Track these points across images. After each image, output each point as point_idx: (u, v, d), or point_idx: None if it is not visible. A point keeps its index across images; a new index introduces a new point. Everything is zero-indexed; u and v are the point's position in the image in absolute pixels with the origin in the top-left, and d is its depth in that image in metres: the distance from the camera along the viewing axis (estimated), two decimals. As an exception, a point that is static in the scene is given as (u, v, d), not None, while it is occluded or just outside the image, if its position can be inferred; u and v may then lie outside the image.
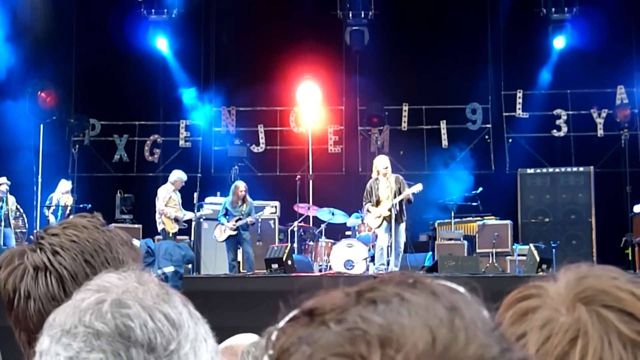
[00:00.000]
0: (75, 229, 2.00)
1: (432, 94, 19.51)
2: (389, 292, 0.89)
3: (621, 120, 18.42)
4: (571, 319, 1.24)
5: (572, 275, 1.29)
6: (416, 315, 0.86)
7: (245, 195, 15.54)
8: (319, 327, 0.87)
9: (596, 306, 1.24)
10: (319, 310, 0.89)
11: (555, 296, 1.27)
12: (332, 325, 0.87)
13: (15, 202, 16.53)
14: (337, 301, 0.89)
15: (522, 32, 19.47)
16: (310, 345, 0.86)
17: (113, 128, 20.42)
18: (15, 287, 1.93)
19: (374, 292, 0.89)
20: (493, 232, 16.16)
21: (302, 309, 0.91)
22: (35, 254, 1.95)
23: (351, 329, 0.85)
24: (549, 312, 1.26)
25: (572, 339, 1.22)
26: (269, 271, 14.04)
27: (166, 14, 19.66)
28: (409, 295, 0.88)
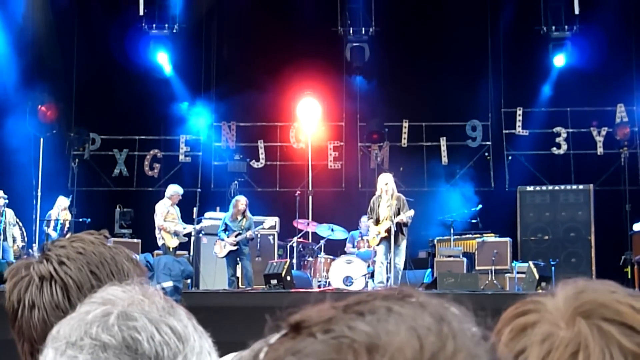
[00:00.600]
0: (82, 242, 2.01)
1: (432, 110, 19.53)
2: (376, 304, 0.88)
3: (621, 139, 18.43)
4: (571, 333, 1.23)
5: (570, 289, 1.29)
6: (403, 324, 0.85)
7: (246, 209, 15.52)
8: (305, 338, 0.86)
9: (596, 320, 1.23)
10: (305, 322, 0.88)
11: (554, 311, 1.26)
12: (318, 335, 0.86)
13: (14, 216, 16.51)
14: (324, 314, 0.88)
15: (523, 50, 19.50)
16: (295, 354, 0.85)
17: (113, 142, 20.42)
18: (20, 297, 1.94)
19: (361, 305, 0.88)
20: (492, 250, 16.13)
21: (289, 323, 0.90)
22: (41, 265, 1.96)
23: (338, 337, 0.84)
24: (549, 327, 1.25)
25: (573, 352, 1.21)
26: (268, 287, 14.01)
27: (167, 28, 19.68)
28: (397, 308, 0.87)
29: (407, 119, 20.04)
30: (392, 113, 19.64)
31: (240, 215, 15.47)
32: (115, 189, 20.13)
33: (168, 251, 15.56)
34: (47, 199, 17.73)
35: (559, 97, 19.48)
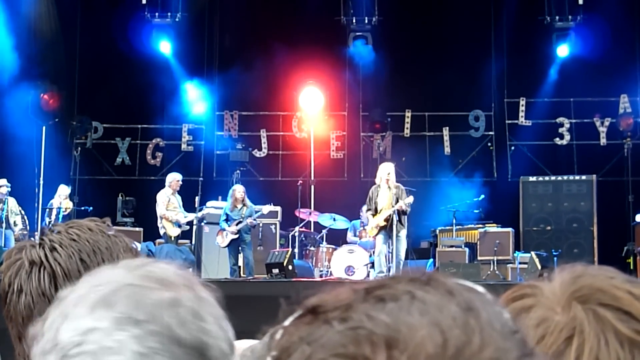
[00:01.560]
0: (79, 229, 1.98)
1: (435, 100, 19.51)
2: (399, 289, 0.83)
3: (624, 129, 18.39)
4: (566, 318, 1.21)
5: (567, 274, 1.28)
6: (427, 315, 0.80)
7: (244, 198, 15.50)
8: (321, 325, 0.82)
9: (592, 305, 1.21)
10: (322, 307, 0.84)
11: (550, 295, 1.25)
12: (335, 324, 0.81)
13: (17, 204, 16.52)
14: (342, 298, 0.84)
15: (526, 40, 19.45)
16: (310, 344, 0.81)
17: (115, 131, 20.41)
18: (11, 281, 1.92)
19: (383, 290, 0.83)
20: (495, 240, 16.12)
21: (306, 306, 0.86)
22: (34, 250, 1.94)
23: (355, 327, 0.80)
24: (544, 311, 1.24)
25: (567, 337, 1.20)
26: (270, 276, 14.02)
27: (170, 17, 19.67)
28: (421, 294, 0.82)
29: (409, 109, 20.02)
30: (394, 103, 19.62)
31: (240, 203, 15.45)
32: (118, 178, 20.13)
33: (170, 240, 15.57)
34: (49, 187, 17.73)
35: (562, 87, 19.44)
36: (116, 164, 20.39)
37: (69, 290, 1.24)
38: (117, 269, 1.25)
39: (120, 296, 1.17)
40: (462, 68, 18.93)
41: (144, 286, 1.19)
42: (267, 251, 15.43)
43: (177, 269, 1.28)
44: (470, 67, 19.19)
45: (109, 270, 1.25)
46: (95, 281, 1.22)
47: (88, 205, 16.53)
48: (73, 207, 16.85)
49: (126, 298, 1.17)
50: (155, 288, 1.19)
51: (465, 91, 19.50)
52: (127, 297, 1.17)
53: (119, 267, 1.26)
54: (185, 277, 1.26)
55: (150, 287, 1.20)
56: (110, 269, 1.25)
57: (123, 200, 18.56)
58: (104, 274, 1.24)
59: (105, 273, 1.24)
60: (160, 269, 1.25)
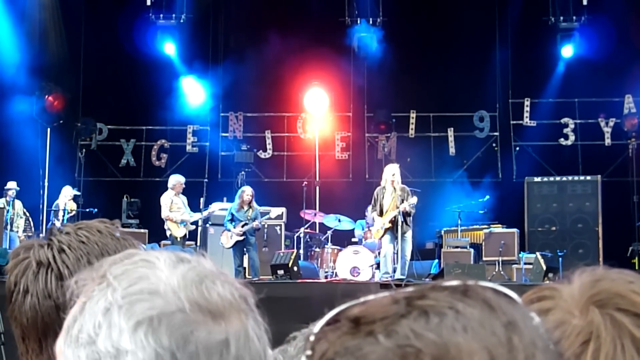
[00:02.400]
0: (89, 231, 1.97)
1: (440, 101, 19.50)
2: (441, 301, 0.83)
3: (629, 130, 18.38)
4: (584, 322, 1.21)
5: (587, 277, 1.27)
6: (472, 333, 0.80)
7: (252, 200, 15.49)
8: (366, 338, 0.82)
9: (610, 309, 1.21)
10: (366, 318, 0.84)
11: (568, 298, 1.25)
12: (381, 338, 0.81)
13: (23, 207, 16.56)
14: (385, 310, 0.84)
15: (530, 41, 19.44)
16: (358, 358, 0.81)
17: (120, 132, 20.43)
18: (17, 280, 1.91)
19: (424, 301, 0.84)
20: (500, 240, 16.11)
21: (347, 315, 0.86)
22: (42, 250, 1.92)
23: (403, 345, 0.80)
24: (562, 314, 1.24)
25: (584, 342, 1.20)
26: (275, 277, 14.01)
27: (174, 18, 19.68)
28: (463, 307, 0.83)
29: (414, 110, 20.01)
30: (399, 104, 19.61)
31: (247, 205, 15.44)
32: (123, 179, 20.14)
33: (175, 241, 15.57)
34: (54, 189, 17.74)
35: (566, 88, 19.43)
36: (121, 165, 20.41)
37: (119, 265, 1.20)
38: (173, 271, 1.19)
39: (168, 325, 1.12)
40: (466, 69, 18.92)
41: (194, 319, 1.13)
42: (272, 252, 15.42)
43: (232, 284, 1.22)
44: (474, 67, 19.18)
45: (163, 270, 1.19)
46: (146, 281, 1.17)
47: (93, 207, 16.54)
48: (78, 208, 16.86)
49: (173, 330, 1.12)
50: (205, 321, 1.14)
51: (470, 92, 19.49)
52: (175, 328, 1.13)
53: (175, 269, 1.19)
54: (241, 296, 1.21)
55: (201, 320, 1.14)
56: (166, 268, 1.19)
57: (128, 201, 18.57)
58: (157, 273, 1.18)
59: (158, 273, 1.18)
60: (215, 286, 1.19)
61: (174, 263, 1.20)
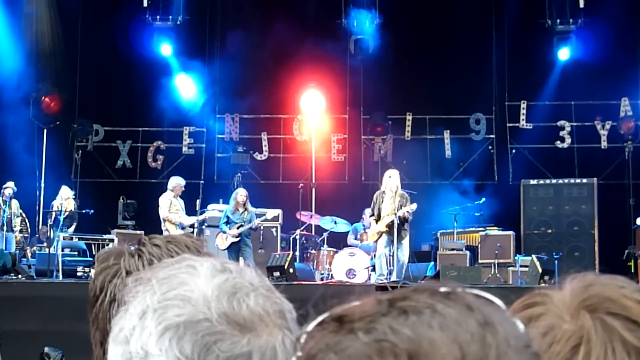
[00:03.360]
0: (178, 245, 1.96)
1: (436, 103, 19.50)
2: (421, 302, 0.86)
3: (625, 133, 18.40)
4: (574, 326, 1.21)
5: (577, 283, 1.27)
6: (447, 330, 0.83)
7: (246, 202, 15.47)
8: (347, 335, 0.85)
9: (601, 314, 1.21)
10: (348, 317, 0.87)
11: (559, 303, 1.25)
12: (360, 334, 0.84)
13: (19, 207, 16.55)
14: (367, 309, 0.87)
15: (527, 43, 19.46)
16: (337, 353, 0.84)
17: (116, 134, 20.43)
18: (104, 286, 1.91)
19: (406, 302, 0.87)
20: (495, 243, 16.11)
21: (332, 315, 0.89)
22: (132, 259, 1.93)
23: (380, 340, 0.83)
24: (553, 319, 1.24)
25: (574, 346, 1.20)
26: (271, 279, 13.97)
27: (171, 20, 19.69)
28: (442, 307, 0.85)
29: (410, 112, 20.02)
30: (395, 106, 19.63)
31: (242, 207, 15.43)
32: (119, 181, 20.14)
33: (172, 243, 15.54)
34: (50, 190, 17.73)
35: (563, 90, 19.45)
36: (117, 166, 20.41)
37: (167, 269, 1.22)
38: (211, 280, 1.19)
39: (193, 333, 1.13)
40: (463, 71, 18.93)
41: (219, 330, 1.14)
42: (268, 254, 15.42)
43: (270, 297, 1.21)
44: (471, 70, 19.19)
45: (201, 278, 1.19)
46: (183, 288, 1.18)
47: (89, 208, 16.54)
48: (74, 209, 16.85)
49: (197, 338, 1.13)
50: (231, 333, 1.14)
51: (466, 94, 19.50)
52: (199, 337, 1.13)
53: (214, 277, 1.20)
54: (277, 311, 1.20)
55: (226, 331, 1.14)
56: (204, 276, 1.20)
57: (124, 203, 18.57)
58: (195, 281, 1.19)
59: (196, 280, 1.19)
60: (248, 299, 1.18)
61: (214, 272, 1.21)
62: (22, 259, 16.29)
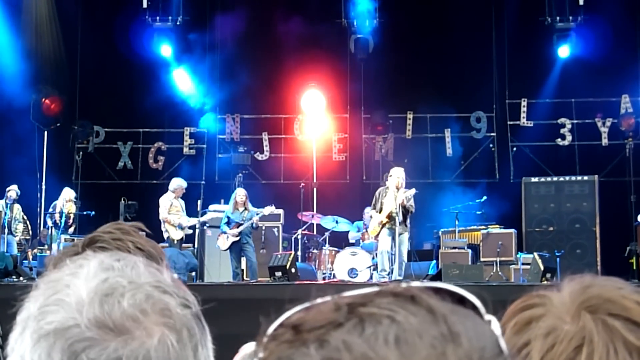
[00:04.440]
0: None
1: (437, 102, 19.48)
2: (382, 309, 0.81)
3: (626, 129, 18.39)
4: (576, 327, 1.21)
5: (576, 284, 1.27)
6: (404, 345, 0.78)
7: (246, 201, 15.44)
8: (299, 347, 0.81)
9: (602, 314, 1.22)
10: (303, 326, 0.82)
11: (559, 305, 1.25)
12: (312, 348, 0.80)
13: (22, 212, 16.56)
14: (324, 317, 0.82)
15: (527, 41, 19.46)
16: None
17: (117, 135, 20.43)
18: None
19: (366, 308, 0.82)
20: (497, 241, 16.10)
21: (288, 322, 0.85)
22: None
23: (330, 357, 0.78)
24: (553, 321, 1.24)
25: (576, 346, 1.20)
26: (273, 279, 13.99)
27: (171, 21, 19.69)
28: (403, 316, 0.80)
29: (411, 111, 20.02)
30: (396, 105, 19.63)
31: (242, 207, 15.42)
32: (120, 182, 20.14)
33: (173, 244, 15.57)
34: (51, 192, 17.73)
35: (563, 88, 19.45)
36: (118, 168, 20.41)
37: (58, 272, 1.16)
38: (90, 281, 1.13)
39: (63, 340, 1.08)
40: (463, 69, 18.95)
41: (88, 336, 1.08)
42: (269, 254, 15.42)
43: (151, 295, 1.14)
44: (471, 68, 19.20)
45: (81, 279, 1.13)
46: (64, 292, 1.11)
47: (90, 210, 16.54)
48: (76, 211, 16.85)
49: (65, 346, 1.08)
50: (101, 338, 1.08)
51: (467, 92, 19.51)
52: (68, 345, 1.08)
53: (94, 278, 1.13)
54: (158, 310, 1.13)
55: (96, 336, 1.08)
56: (85, 277, 1.13)
57: (125, 204, 18.53)
58: (76, 283, 1.12)
59: (77, 282, 1.12)
60: (122, 300, 1.11)
61: (97, 271, 1.14)
62: (24, 261, 16.30)
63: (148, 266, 1.19)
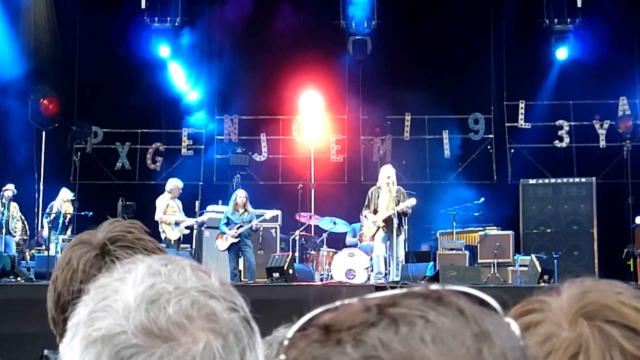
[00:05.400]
0: None
1: (435, 103, 19.48)
2: (412, 309, 0.82)
3: (623, 132, 18.41)
4: (573, 334, 1.20)
5: (575, 289, 1.25)
6: (441, 343, 0.79)
7: (246, 203, 15.44)
8: (334, 347, 0.81)
9: (599, 321, 1.20)
10: (335, 326, 0.82)
11: (557, 311, 1.23)
12: (348, 347, 0.80)
13: (19, 210, 16.54)
14: (355, 317, 0.82)
15: (525, 43, 19.46)
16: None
17: (115, 136, 20.42)
18: None
19: (396, 308, 0.82)
20: (495, 243, 16.10)
21: (318, 322, 0.85)
22: None
23: (369, 356, 0.79)
24: (551, 327, 1.22)
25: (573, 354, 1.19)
26: (270, 280, 13.99)
27: (169, 22, 19.68)
28: (434, 316, 0.81)
29: (409, 112, 20.02)
30: (394, 106, 19.62)
31: (241, 208, 15.40)
32: (118, 183, 20.13)
33: (170, 244, 15.55)
34: (49, 192, 17.72)
35: (561, 90, 19.46)
36: (116, 168, 20.40)
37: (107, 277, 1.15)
38: (137, 286, 1.12)
39: (110, 347, 1.07)
40: (461, 71, 18.94)
41: (135, 342, 1.08)
42: (267, 255, 15.40)
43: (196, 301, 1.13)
44: (469, 70, 19.20)
45: (128, 284, 1.13)
46: (112, 297, 1.11)
47: (88, 211, 16.53)
48: (73, 211, 16.84)
49: (113, 353, 1.07)
50: (148, 345, 1.08)
51: (465, 94, 19.51)
52: (115, 352, 1.07)
53: (141, 283, 1.13)
54: (203, 315, 1.12)
55: (142, 343, 1.08)
56: (132, 282, 1.13)
57: (123, 205, 18.54)
58: (123, 288, 1.12)
59: (124, 288, 1.12)
60: (168, 306, 1.11)
61: (144, 277, 1.14)
62: (22, 262, 16.28)
63: (196, 270, 1.18)
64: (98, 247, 2.07)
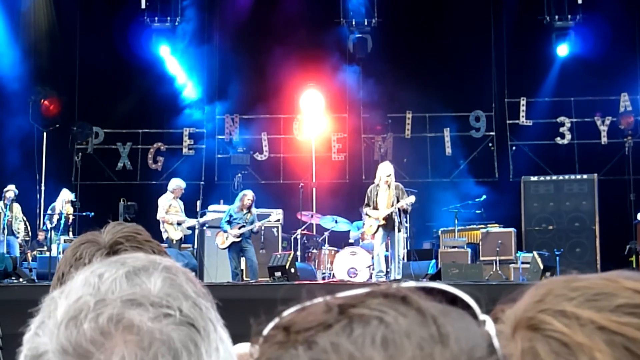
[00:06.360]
0: None
1: (436, 101, 19.48)
2: (372, 310, 0.80)
3: (625, 128, 18.39)
4: (511, 349, 1.07)
5: (529, 297, 1.11)
6: (391, 346, 0.77)
7: (252, 205, 15.41)
8: (289, 349, 0.80)
9: (536, 334, 1.06)
10: (294, 327, 0.82)
11: (505, 325, 1.12)
12: (300, 350, 0.79)
13: (21, 211, 16.53)
14: (315, 318, 0.82)
15: (526, 40, 19.45)
16: None
17: (116, 136, 20.41)
18: None
19: (357, 309, 0.81)
20: (497, 240, 16.10)
21: (279, 323, 0.84)
22: None
23: (317, 359, 0.78)
24: (502, 342, 1.16)
25: None
26: (272, 279, 13.99)
27: (169, 21, 19.68)
28: (392, 317, 0.79)
29: (410, 110, 20.01)
30: (395, 104, 19.62)
31: (246, 209, 15.38)
32: (119, 183, 20.12)
33: (172, 244, 15.54)
34: (50, 193, 17.71)
35: (562, 86, 19.44)
36: (117, 168, 20.39)
37: None
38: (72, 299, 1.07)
39: None
40: (462, 69, 18.92)
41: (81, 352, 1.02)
42: (269, 254, 15.40)
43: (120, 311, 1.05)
44: (470, 67, 19.18)
45: (63, 296, 1.08)
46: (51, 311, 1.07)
47: (90, 211, 16.52)
48: (74, 212, 16.83)
49: None
50: None
51: (466, 92, 19.50)
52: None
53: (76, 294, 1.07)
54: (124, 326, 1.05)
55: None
56: (65, 293, 1.08)
57: (125, 205, 18.51)
58: (60, 300, 1.08)
59: (61, 300, 1.08)
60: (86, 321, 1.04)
61: (77, 289, 1.08)
62: (23, 263, 16.28)
63: (140, 274, 1.10)
64: (107, 246, 2.07)
